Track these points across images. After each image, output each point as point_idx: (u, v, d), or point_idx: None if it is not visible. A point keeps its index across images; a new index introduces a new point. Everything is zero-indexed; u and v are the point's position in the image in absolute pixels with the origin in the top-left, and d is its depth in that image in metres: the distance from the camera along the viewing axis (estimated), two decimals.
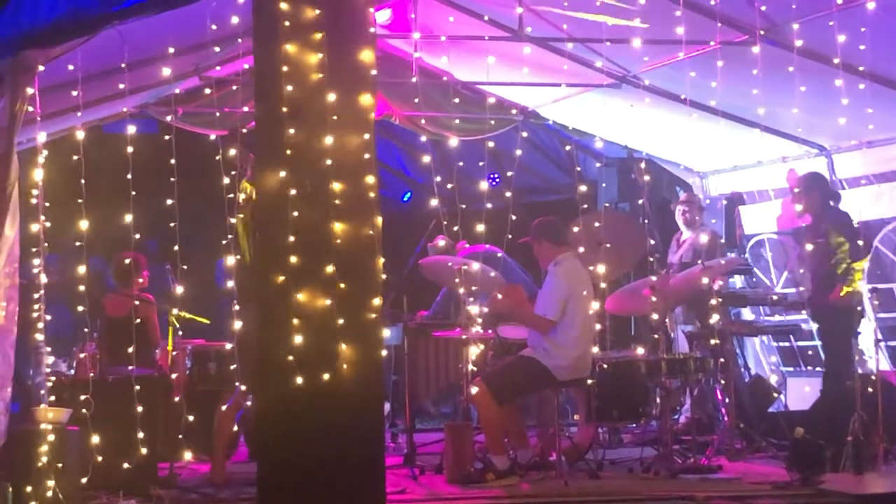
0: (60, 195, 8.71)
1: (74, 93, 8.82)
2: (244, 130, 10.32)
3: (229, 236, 8.76)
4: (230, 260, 8.83)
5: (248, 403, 9.26)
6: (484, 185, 10.56)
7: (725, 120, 11.45)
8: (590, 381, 9.99)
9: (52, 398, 8.92)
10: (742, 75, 10.27)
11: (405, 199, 17.76)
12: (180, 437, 9.73)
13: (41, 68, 8.22)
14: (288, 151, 7.72)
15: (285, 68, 7.77)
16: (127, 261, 10.90)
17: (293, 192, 7.70)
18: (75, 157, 8.69)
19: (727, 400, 11.01)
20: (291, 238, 7.67)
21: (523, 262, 12.15)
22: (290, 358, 7.60)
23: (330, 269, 7.69)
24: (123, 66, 9.13)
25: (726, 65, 10.07)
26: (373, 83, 8.05)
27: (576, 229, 10.53)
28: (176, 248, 9.19)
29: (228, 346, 9.47)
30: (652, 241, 11.58)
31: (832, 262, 10.83)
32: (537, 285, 10.75)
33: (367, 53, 7.97)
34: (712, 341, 10.86)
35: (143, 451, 8.97)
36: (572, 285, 9.90)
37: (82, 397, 8.78)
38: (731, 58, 10.17)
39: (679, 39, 9.78)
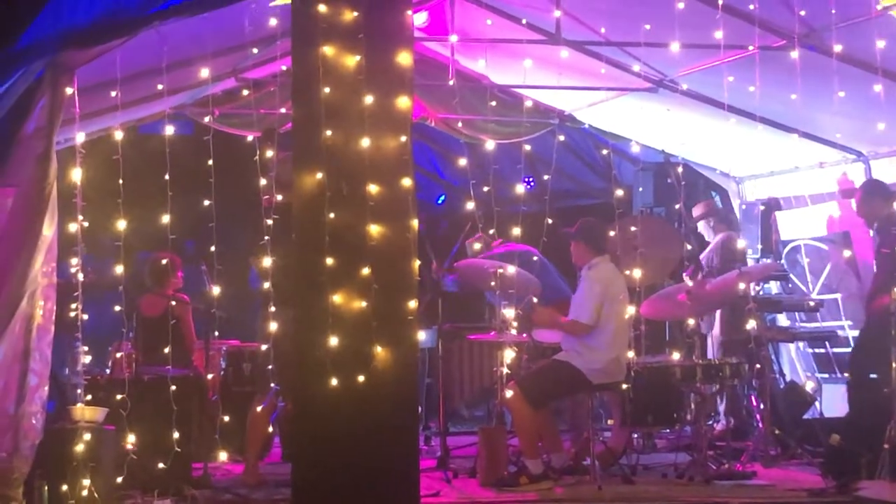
0: (98, 195, 8.74)
1: (113, 93, 8.86)
2: (281, 131, 10.31)
3: (266, 237, 8.76)
4: (266, 261, 8.83)
5: (283, 404, 9.27)
6: (519, 189, 10.57)
7: (762, 125, 11.40)
8: (624, 386, 9.96)
9: (88, 397, 8.94)
10: (780, 80, 10.21)
11: (439, 201, 17.75)
12: (215, 437, 9.73)
13: (81, 68, 8.27)
14: (325, 153, 7.74)
15: (323, 71, 7.79)
16: (163, 261, 10.94)
17: (329, 193, 7.72)
18: (114, 157, 8.71)
19: (762, 406, 10.96)
20: (327, 239, 7.69)
21: (559, 266, 12.10)
22: (326, 359, 7.63)
23: (365, 271, 7.71)
24: (163, 66, 9.15)
25: (764, 70, 10.02)
26: (410, 85, 8.05)
27: (612, 234, 10.50)
28: (213, 248, 9.22)
29: (263, 347, 9.49)
30: (688, 246, 11.55)
31: None
32: (572, 290, 10.74)
33: (404, 56, 7.97)
34: (748, 347, 10.84)
35: (178, 450, 8.98)
36: (606, 289, 9.90)
37: (118, 397, 8.80)
38: (770, 63, 10.12)
39: (717, 44, 9.75)
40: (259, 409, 9.91)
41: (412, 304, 7.82)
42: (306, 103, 7.88)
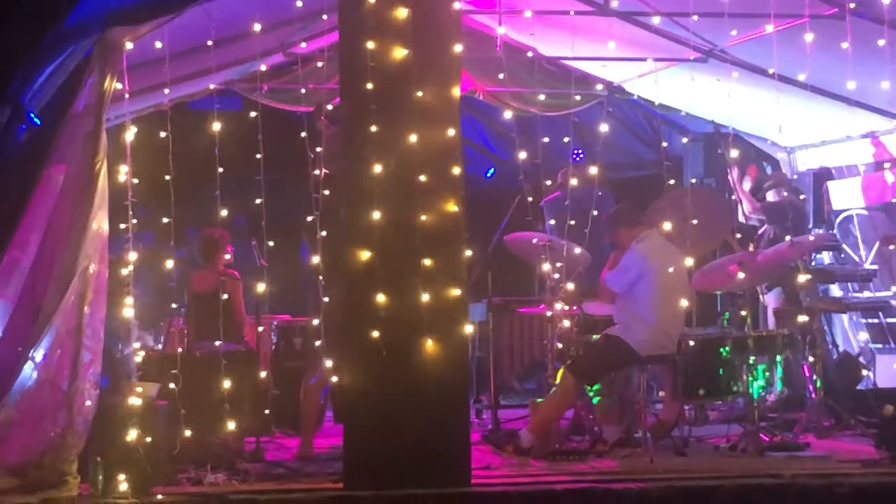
0: (148, 171, 8.77)
1: (162, 70, 8.88)
2: (329, 107, 10.30)
3: (315, 212, 8.76)
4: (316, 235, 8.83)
5: (334, 379, 9.30)
6: (568, 161, 10.54)
7: (813, 94, 11.30)
8: (676, 358, 9.93)
9: (141, 373, 9.00)
10: (831, 49, 10.12)
11: (488, 175, 17.71)
12: (266, 411, 9.76)
13: (129, 46, 8.29)
14: (373, 146, 7.77)
15: (370, 64, 7.79)
16: (213, 237, 10.96)
17: (378, 169, 7.73)
18: (163, 134, 8.74)
19: (815, 377, 10.89)
20: (377, 215, 7.71)
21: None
22: (376, 334, 7.65)
23: (415, 245, 7.72)
24: (210, 43, 9.17)
25: (815, 38, 9.92)
26: (458, 78, 8.08)
27: (662, 205, 10.45)
28: (263, 223, 9.23)
29: (314, 321, 9.50)
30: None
31: None
32: None
33: (453, 46, 7.98)
34: (800, 318, 10.76)
35: (231, 425, 9.03)
36: (649, 261, 9.86)
37: (171, 372, 8.84)
38: (820, 31, 10.02)
39: (767, 13, 9.66)
40: (311, 382, 9.93)
41: (462, 277, 7.84)
42: (354, 96, 7.90)
